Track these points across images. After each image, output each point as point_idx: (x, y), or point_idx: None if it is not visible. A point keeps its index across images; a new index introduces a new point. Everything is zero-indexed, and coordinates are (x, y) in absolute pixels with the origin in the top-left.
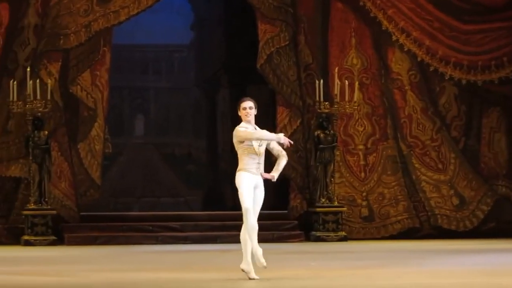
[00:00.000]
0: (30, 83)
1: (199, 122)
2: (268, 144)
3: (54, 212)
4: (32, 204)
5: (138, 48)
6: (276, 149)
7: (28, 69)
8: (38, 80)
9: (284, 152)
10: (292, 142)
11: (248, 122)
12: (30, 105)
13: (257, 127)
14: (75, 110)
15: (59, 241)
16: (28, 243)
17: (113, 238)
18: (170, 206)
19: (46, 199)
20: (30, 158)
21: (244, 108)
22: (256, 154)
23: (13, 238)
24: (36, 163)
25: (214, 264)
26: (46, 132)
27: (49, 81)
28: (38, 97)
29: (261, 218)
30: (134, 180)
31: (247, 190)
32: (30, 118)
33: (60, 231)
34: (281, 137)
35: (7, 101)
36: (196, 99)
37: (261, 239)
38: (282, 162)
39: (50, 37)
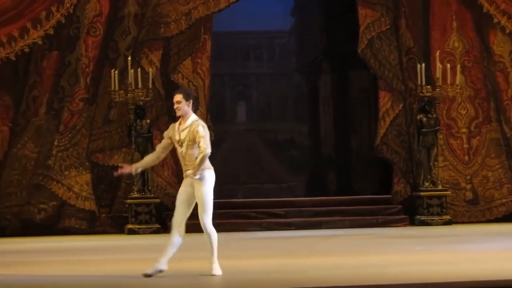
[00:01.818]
0: (131, 72)
1: (301, 107)
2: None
3: (158, 200)
4: (136, 193)
5: (238, 35)
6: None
7: (129, 58)
8: (139, 69)
9: (201, 147)
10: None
11: (180, 116)
12: (132, 94)
13: (194, 116)
14: None
15: (163, 229)
16: (132, 232)
17: (217, 226)
18: (274, 192)
19: (149, 188)
20: (133, 146)
21: (173, 104)
22: (181, 156)
23: (117, 227)
24: (139, 152)
25: (318, 250)
26: (148, 121)
27: (150, 69)
28: (140, 86)
29: (365, 203)
30: (237, 167)
31: (176, 203)
32: (132, 107)
33: (163, 219)
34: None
35: (108, 91)
36: (297, 85)
37: (366, 224)
38: (198, 157)
39: (150, 26)
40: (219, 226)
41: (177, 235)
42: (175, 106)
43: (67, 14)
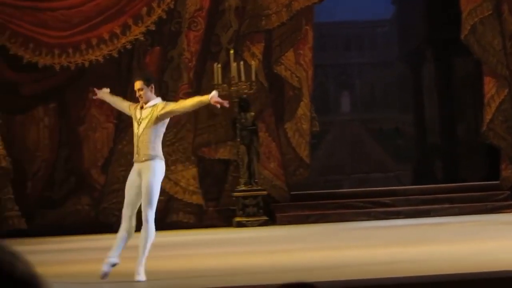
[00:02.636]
0: (234, 65)
1: (405, 96)
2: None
3: (265, 192)
4: (242, 186)
5: (339, 25)
6: None
7: (232, 52)
8: (242, 62)
9: (186, 100)
10: (226, 104)
11: (144, 102)
12: (235, 87)
13: (159, 99)
14: (280, 90)
15: (271, 221)
16: (240, 225)
17: (325, 216)
18: (380, 182)
19: (256, 180)
20: (238, 140)
21: (135, 92)
22: (136, 136)
23: (225, 220)
24: (244, 145)
25: (428, 238)
26: (253, 113)
27: (253, 62)
28: (243, 78)
29: (473, 189)
30: (343, 157)
31: (126, 192)
32: (236, 100)
33: (271, 211)
34: (213, 95)
35: (212, 84)
36: (400, 73)
37: (475, 211)
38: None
39: (251, 19)
40: (326, 217)
41: (125, 229)
42: (137, 94)
43: (168, 9)
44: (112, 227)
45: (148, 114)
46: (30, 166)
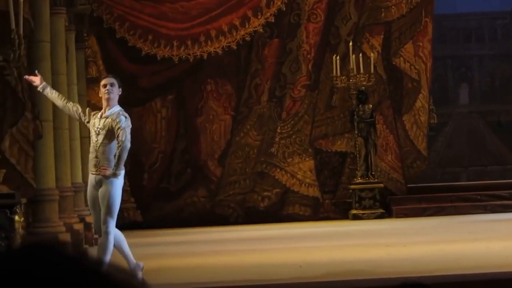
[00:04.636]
0: (352, 57)
1: None
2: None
3: (381, 185)
4: (359, 178)
5: (459, 17)
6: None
7: (351, 44)
8: (360, 54)
9: (119, 140)
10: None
11: (107, 101)
12: (354, 79)
13: (119, 107)
14: (398, 82)
15: (387, 214)
16: (356, 217)
17: (442, 209)
18: (498, 174)
19: (373, 173)
20: (355, 132)
21: (104, 85)
22: (94, 147)
23: (341, 212)
24: (362, 137)
25: None
26: (371, 106)
27: (371, 54)
28: (361, 71)
29: None
30: (461, 150)
31: (90, 207)
32: (354, 92)
33: (387, 204)
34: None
35: (330, 76)
36: None
37: None
38: (117, 152)
39: (371, 11)
40: (442, 210)
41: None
42: (106, 88)
43: (287, 1)
44: (228, 220)
45: (107, 124)
46: (147, 158)
